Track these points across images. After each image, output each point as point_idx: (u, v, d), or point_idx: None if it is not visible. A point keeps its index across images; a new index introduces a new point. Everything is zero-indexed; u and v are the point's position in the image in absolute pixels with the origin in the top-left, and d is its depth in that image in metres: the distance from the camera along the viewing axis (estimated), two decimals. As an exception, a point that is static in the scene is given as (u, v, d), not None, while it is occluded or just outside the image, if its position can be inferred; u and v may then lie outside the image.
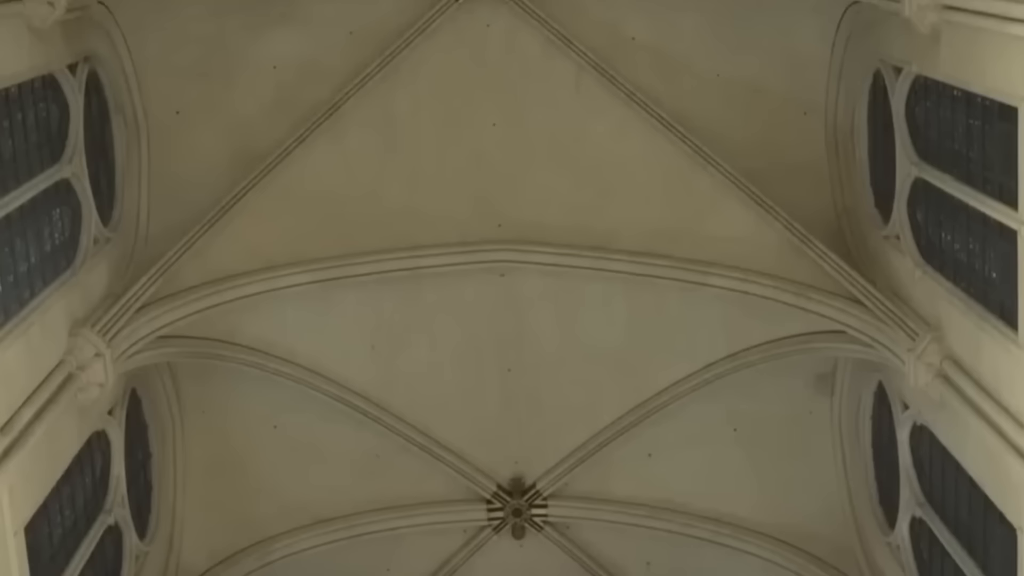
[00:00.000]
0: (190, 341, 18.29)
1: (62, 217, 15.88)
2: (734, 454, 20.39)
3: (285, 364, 19.35)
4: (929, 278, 16.03)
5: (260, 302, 18.74)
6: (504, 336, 20.03)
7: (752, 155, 18.52)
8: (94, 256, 16.62)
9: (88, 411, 15.73)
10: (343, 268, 18.78)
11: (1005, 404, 13.62)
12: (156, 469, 19.19)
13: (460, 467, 20.58)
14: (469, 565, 21.26)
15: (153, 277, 17.18)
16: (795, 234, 17.83)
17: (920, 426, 16.90)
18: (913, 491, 17.36)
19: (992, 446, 13.77)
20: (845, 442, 19.85)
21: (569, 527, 21.13)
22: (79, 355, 15.22)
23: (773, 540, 20.18)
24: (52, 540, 14.75)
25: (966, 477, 15.27)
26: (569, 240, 19.01)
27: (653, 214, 18.73)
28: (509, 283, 19.66)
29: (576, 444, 20.49)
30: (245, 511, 20.21)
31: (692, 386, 19.71)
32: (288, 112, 18.50)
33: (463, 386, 20.28)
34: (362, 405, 19.93)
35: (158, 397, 19.24)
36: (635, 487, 20.74)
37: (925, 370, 15.44)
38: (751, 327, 19.05)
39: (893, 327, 16.29)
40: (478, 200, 19.02)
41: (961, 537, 15.82)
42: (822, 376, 19.92)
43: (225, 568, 19.84)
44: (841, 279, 17.36)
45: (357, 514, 20.66)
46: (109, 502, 16.86)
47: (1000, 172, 13.63)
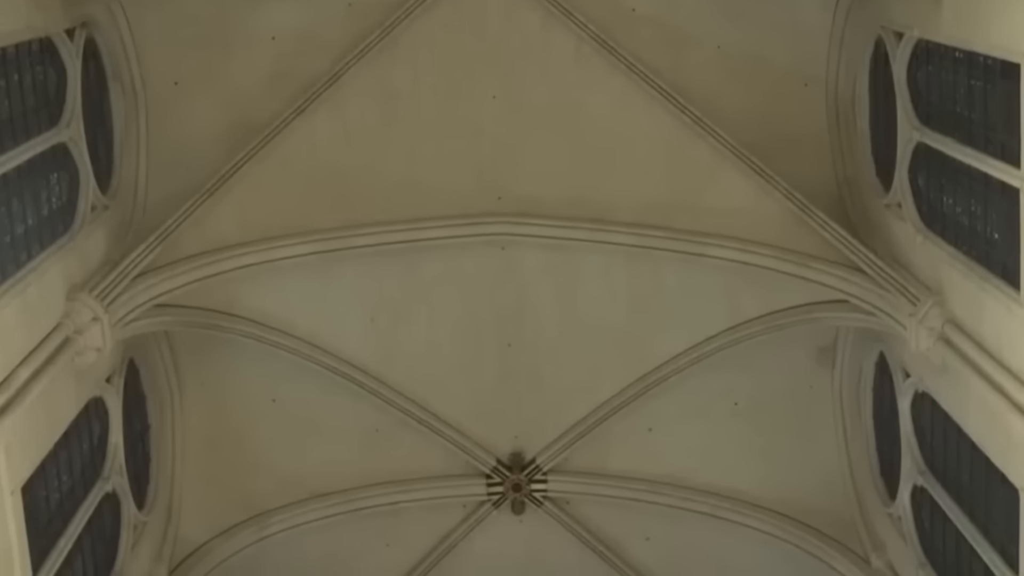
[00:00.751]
0: (188, 311, 18.22)
1: (59, 182, 15.81)
2: (734, 428, 20.33)
3: (284, 336, 19.28)
4: (930, 243, 15.98)
5: (259, 273, 18.66)
6: (504, 310, 19.98)
7: (753, 126, 18.43)
8: (92, 223, 16.56)
9: (86, 376, 15.66)
10: (342, 240, 18.71)
11: (1007, 364, 13.59)
12: (154, 441, 19.13)
13: (459, 442, 20.52)
14: (468, 540, 21.20)
15: (151, 245, 17.10)
16: (796, 204, 17.76)
17: (922, 393, 16.84)
18: (914, 460, 17.30)
19: (994, 407, 13.72)
20: (846, 415, 19.78)
21: (569, 502, 21.06)
22: (76, 319, 15.16)
23: (774, 514, 20.12)
24: (49, 504, 14.70)
25: (967, 442, 15.22)
26: (569, 212, 18.94)
27: (653, 186, 18.65)
28: (509, 256, 19.59)
29: (576, 419, 20.45)
30: (243, 484, 20.14)
31: (692, 359, 19.64)
32: (287, 83, 18.42)
33: (463, 360, 20.21)
34: (361, 378, 19.86)
35: (156, 369, 19.17)
36: (635, 462, 20.68)
37: (927, 334, 15.39)
38: (751, 299, 18.99)
39: (894, 293, 16.23)
40: (478, 173, 18.95)
41: (963, 503, 15.78)
42: (823, 349, 19.86)
43: (223, 541, 19.77)
44: (842, 247, 17.28)
45: (356, 488, 20.60)
46: (107, 470, 16.80)
47: (1002, 131, 13.59)
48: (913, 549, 17.61)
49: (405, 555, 21.20)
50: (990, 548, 14.75)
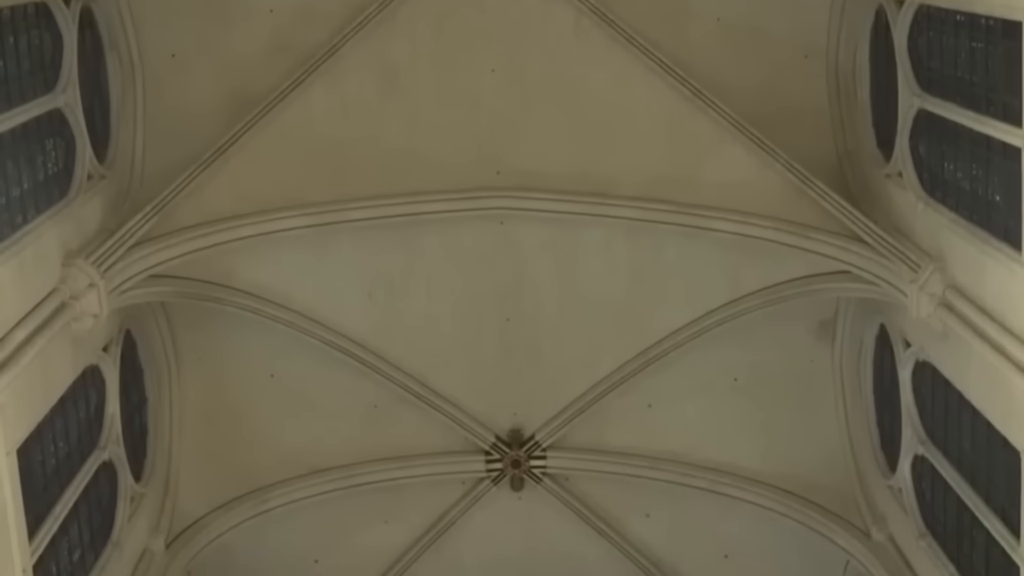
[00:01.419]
0: (185, 282, 18.16)
1: (56, 148, 15.77)
2: (734, 404, 20.26)
3: (281, 310, 19.22)
4: (931, 210, 15.91)
5: (256, 246, 18.59)
6: (503, 285, 19.90)
7: (753, 100, 18.35)
8: (88, 191, 16.51)
9: (82, 343, 15.61)
10: (340, 213, 18.61)
11: (1008, 326, 13.53)
12: (152, 414, 19.07)
13: (458, 418, 20.44)
14: (467, 517, 21.11)
15: (148, 215, 17.02)
16: (796, 175, 17.66)
17: (922, 363, 16.78)
18: (915, 430, 17.24)
19: (995, 370, 13.66)
20: (846, 389, 19.72)
21: (568, 479, 20.96)
22: (73, 284, 15.11)
23: (774, 489, 20.04)
24: (45, 469, 14.66)
25: (968, 408, 15.17)
26: (568, 187, 18.84)
27: (653, 160, 18.55)
28: (508, 231, 19.51)
29: (575, 395, 20.37)
30: (242, 459, 20.07)
31: (693, 333, 19.57)
32: (284, 56, 18.36)
33: (461, 336, 20.14)
34: (359, 353, 19.79)
35: (153, 342, 19.11)
36: (634, 438, 20.60)
37: (928, 300, 15.32)
38: (752, 272, 18.92)
39: (895, 262, 16.15)
40: (476, 147, 18.86)
41: (963, 470, 15.72)
42: (823, 323, 19.79)
43: (221, 515, 19.68)
44: (843, 218, 17.20)
45: (354, 464, 20.52)
46: (103, 439, 16.76)
47: (1003, 92, 13.53)
48: (914, 520, 17.54)
49: (404, 531, 21.12)
50: (991, 513, 14.69)
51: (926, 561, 16.94)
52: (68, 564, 15.21)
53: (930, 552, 16.84)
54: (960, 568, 15.98)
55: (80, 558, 15.65)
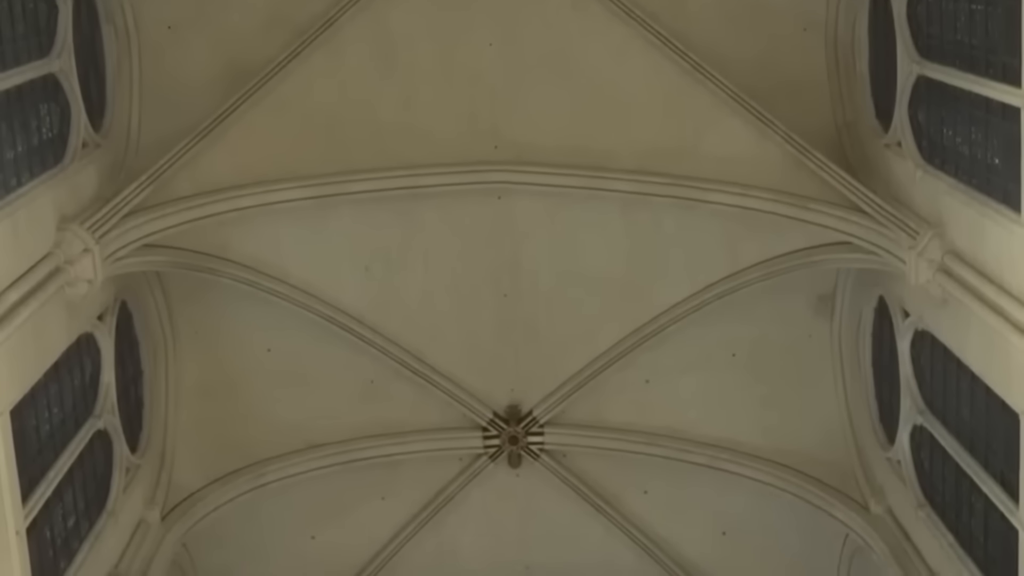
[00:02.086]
0: (181, 252, 18.09)
1: (50, 114, 15.71)
2: (733, 379, 20.19)
3: (277, 283, 19.13)
4: (930, 177, 15.86)
5: (252, 218, 18.54)
6: (500, 260, 19.83)
7: (752, 73, 18.26)
8: (84, 158, 16.45)
9: (77, 309, 15.56)
10: (337, 185, 18.52)
11: (1007, 287, 13.48)
12: (148, 386, 19.02)
13: (456, 394, 20.36)
14: (465, 493, 21.04)
15: (144, 184, 16.95)
16: (794, 147, 17.58)
17: (921, 332, 16.72)
18: (914, 400, 17.18)
19: (994, 332, 13.62)
20: (845, 363, 19.66)
21: (566, 455, 20.88)
22: (67, 249, 15.06)
23: (772, 464, 19.97)
24: (40, 434, 14.63)
25: (967, 375, 15.12)
26: (566, 160, 18.74)
27: (652, 133, 18.46)
28: (506, 206, 19.44)
29: (573, 371, 20.29)
30: (238, 433, 20.00)
31: (691, 307, 19.50)
32: (282, 27, 18.25)
33: (459, 312, 20.07)
34: (356, 328, 19.71)
35: (149, 314, 19.06)
36: (632, 414, 20.53)
37: (927, 266, 15.27)
38: (751, 245, 18.86)
39: (894, 230, 16.08)
40: (474, 121, 18.77)
41: (962, 438, 15.67)
42: (822, 297, 19.73)
43: (217, 488, 19.61)
44: (841, 188, 17.11)
45: (351, 440, 20.44)
46: (99, 408, 16.71)
47: (1003, 53, 13.46)
48: (912, 490, 17.49)
49: (401, 508, 21.06)
50: (990, 479, 14.65)
51: (925, 531, 16.89)
52: (63, 530, 15.16)
53: (929, 522, 16.79)
54: (959, 537, 15.93)
55: (75, 525, 15.59)
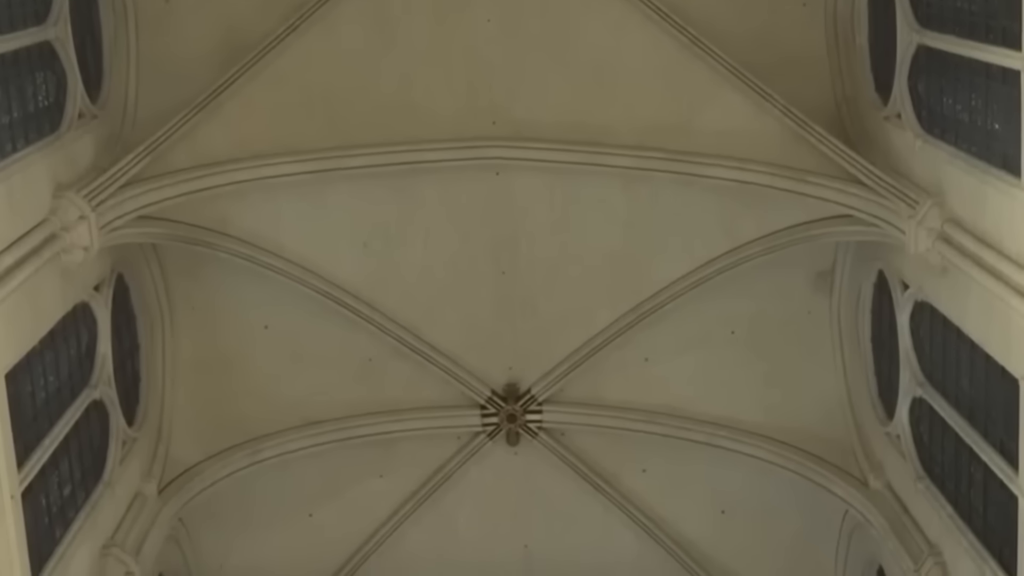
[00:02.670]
0: (178, 225, 18.02)
1: (46, 82, 15.64)
2: (732, 357, 20.13)
3: (275, 258, 19.07)
4: (930, 147, 15.81)
5: (250, 193, 18.48)
6: (499, 237, 19.77)
7: (751, 47, 18.20)
8: (80, 128, 16.40)
9: (73, 277, 15.50)
10: (334, 160, 18.45)
11: (1007, 251, 13.43)
12: (144, 360, 18.96)
13: (454, 371, 20.30)
14: (463, 472, 20.97)
15: (141, 155, 16.87)
16: (793, 120, 17.52)
17: (921, 304, 16.67)
18: (913, 373, 17.13)
19: (993, 296, 13.57)
20: (844, 339, 19.61)
21: (564, 433, 20.83)
22: (63, 216, 14.99)
23: (771, 441, 19.89)
24: (35, 400, 14.58)
25: (967, 344, 15.07)
26: (565, 136, 18.67)
27: (650, 108, 18.39)
28: (504, 182, 19.38)
29: (571, 348, 20.23)
30: (235, 409, 19.94)
31: (690, 284, 19.44)
32: (280, 1, 18.16)
33: (457, 289, 20.01)
34: (354, 304, 19.65)
35: (146, 288, 19.01)
36: (631, 392, 20.46)
37: (926, 235, 15.22)
38: (750, 221, 18.81)
39: (894, 201, 16.02)
40: (473, 96, 18.71)
41: (962, 408, 15.62)
42: (821, 274, 19.68)
43: (214, 463, 19.54)
44: (840, 160, 17.05)
45: (349, 417, 20.37)
46: (95, 378, 16.66)
47: (1003, 17, 13.40)
48: (911, 463, 17.44)
49: (399, 486, 21.00)
50: (989, 448, 14.59)
51: (924, 504, 16.84)
52: (58, 498, 15.10)
53: (928, 494, 16.74)
54: (958, 508, 15.88)
55: (71, 494, 15.53)
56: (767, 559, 20.90)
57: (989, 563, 14.63)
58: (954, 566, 15.81)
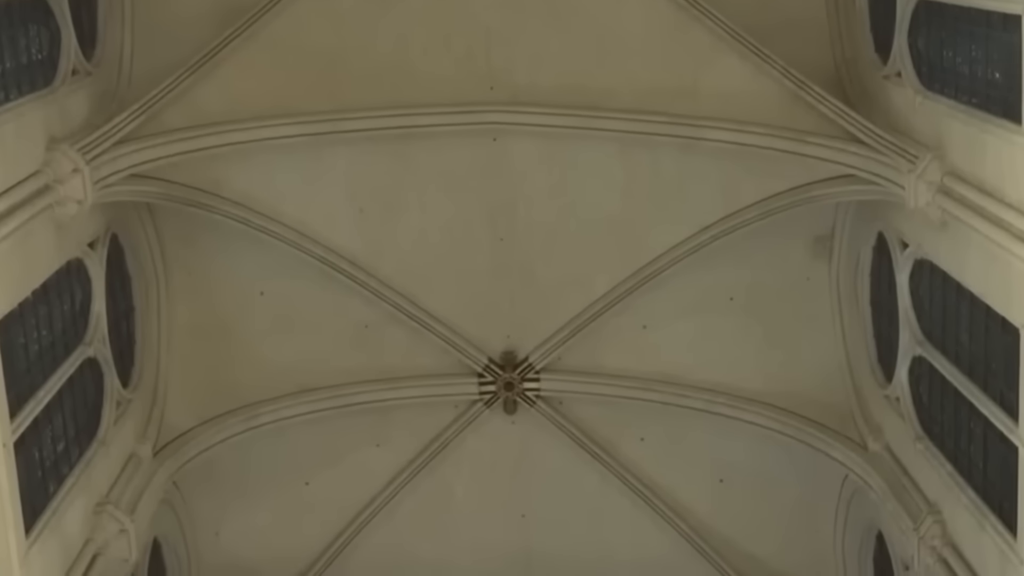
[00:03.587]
0: (173, 186, 17.92)
1: (40, 36, 15.51)
2: (730, 323, 20.04)
3: (271, 222, 18.96)
4: (930, 102, 15.72)
5: (246, 156, 18.38)
6: (496, 204, 19.66)
7: (750, 10, 18.10)
8: (74, 83, 16.29)
9: (66, 231, 15.41)
10: (331, 123, 18.34)
11: (1007, 199, 13.34)
12: (139, 323, 18.88)
13: (451, 339, 20.19)
14: (460, 440, 20.85)
15: (135, 113, 16.77)
16: (793, 81, 17.42)
17: (920, 262, 16.58)
18: (912, 332, 17.05)
19: (994, 246, 13.49)
20: (843, 304, 19.52)
21: (562, 402, 20.71)
22: (56, 168, 14.89)
23: (770, 407, 19.78)
24: (28, 353, 14.49)
25: (967, 298, 15.01)
26: (563, 100, 18.55)
27: (649, 71, 18.28)
28: (501, 147, 19.28)
29: (569, 316, 20.11)
30: (230, 375, 19.84)
31: (689, 249, 19.33)
32: (276, -37, 18.07)
33: (454, 256, 19.92)
34: (350, 270, 19.55)
35: (142, 252, 18.92)
36: (629, 360, 20.36)
37: (926, 189, 15.13)
38: (748, 185, 18.69)
39: (893, 157, 15.92)
40: (470, 61, 18.58)
41: (961, 364, 15.52)
42: (820, 239, 19.60)
43: (209, 428, 19.43)
44: (840, 120, 16.94)
45: (345, 384, 20.26)
46: (89, 336, 16.57)
47: (1002, -38, 13.30)
48: (910, 423, 17.35)
49: (396, 454, 20.87)
50: (989, 401, 14.49)
51: (923, 463, 16.75)
52: (52, 453, 15.00)
53: (927, 454, 16.66)
54: (957, 465, 15.78)
55: (65, 450, 15.43)
56: (766, 527, 20.80)
57: (989, 518, 14.54)
58: (953, 523, 15.72)
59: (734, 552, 20.93)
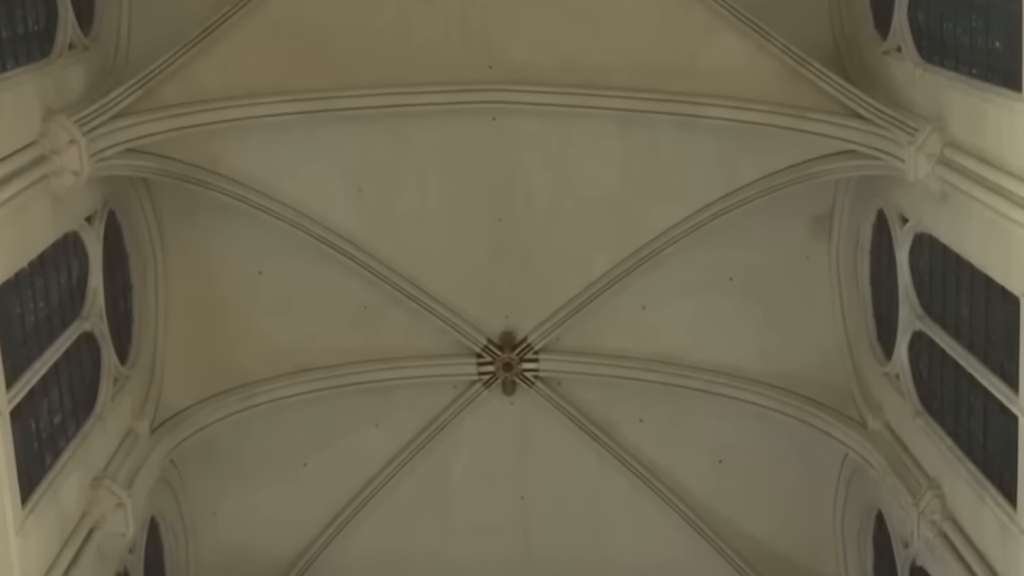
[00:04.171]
0: (171, 162, 17.85)
1: (36, 8, 15.46)
2: (730, 304, 19.97)
3: (269, 200, 18.90)
4: (930, 74, 15.67)
5: (243, 133, 18.31)
6: (495, 183, 19.61)
7: (748, -13, 18.06)
8: (71, 57, 16.23)
9: (63, 203, 15.35)
10: (329, 100, 18.26)
11: (1008, 167, 13.28)
12: (137, 301, 18.82)
13: (450, 319, 20.12)
14: (459, 421, 20.79)
15: (132, 87, 16.71)
16: (792, 57, 17.36)
17: (920, 236, 16.52)
18: (912, 308, 17.00)
19: (995, 214, 13.44)
20: (843, 283, 19.45)
21: (561, 383, 20.64)
22: (53, 139, 14.85)
23: (769, 387, 19.70)
24: (24, 324, 14.44)
25: (967, 270, 14.96)
26: (561, 79, 18.48)
27: (648, 49, 18.21)
28: (500, 127, 19.22)
29: (568, 296, 20.04)
30: (228, 354, 19.78)
31: (688, 229, 19.26)
32: (274, -61, 18.02)
33: (453, 236, 19.86)
34: (349, 250, 19.48)
35: (139, 230, 18.86)
36: (628, 340, 20.29)
37: (926, 160, 15.08)
38: (747, 163, 18.61)
39: (893, 131, 15.86)
40: (469, 40, 18.52)
41: (961, 337, 15.47)
42: (819, 218, 19.53)
43: (207, 406, 19.36)
44: (839, 95, 16.87)
45: (344, 364, 20.18)
46: (86, 310, 16.53)
47: (1002, -72, 13.26)
48: (910, 399, 17.30)
49: (394, 435, 20.80)
50: (989, 373, 14.43)
51: (923, 438, 16.69)
52: (48, 424, 14.96)
53: (927, 429, 16.60)
54: (957, 439, 15.72)
55: (61, 423, 15.39)
56: (765, 508, 20.74)
57: (989, 490, 14.50)
58: (953, 497, 15.67)
59: (733, 533, 20.85)
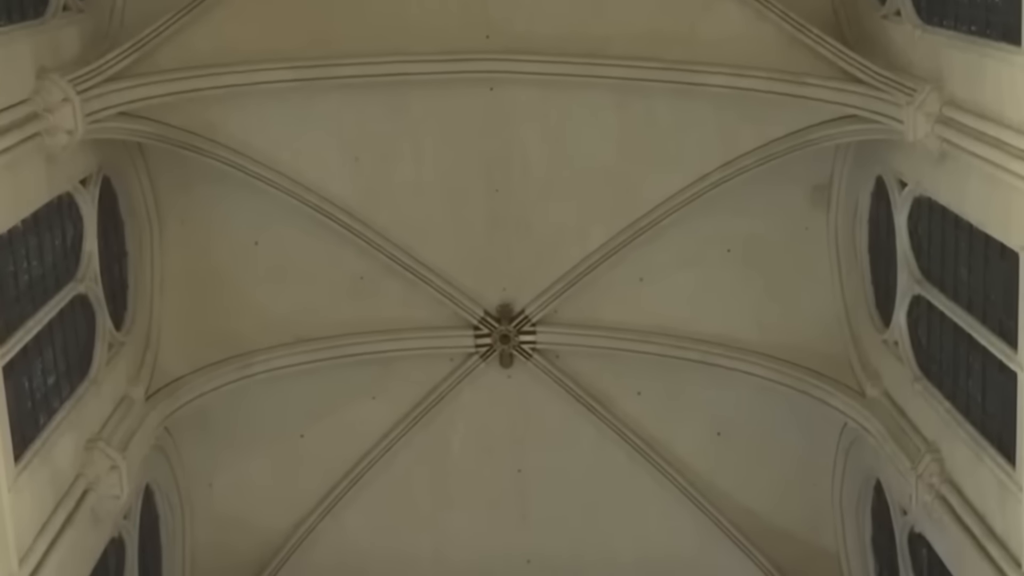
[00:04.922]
0: (167, 127, 17.77)
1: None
2: (728, 275, 19.90)
3: (265, 169, 18.82)
4: (929, 35, 15.59)
5: (241, 101, 18.25)
6: (492, 154, 19.52)
7: (746, -45, 17.98)
8: (66, 18, 16.15)
9: (57, 163, 15.25)
10: (325, 68, 18.17)
11: (1007, 121, 13.21)
12: (132, 268, 18.74)
13: (447, 291, 20.05)
14: (456, 393, 20.71)
15: (127, 51, 16.63)
16: (791, 23, 17.30)
17: (919, 200, 16.44)
18: (911, 273, 16.94)
19: (995, 169, 13.35)
20: (841, 252, 19.39)
21: (558, 355, 20.56)
22: (46, 97, 14.75)
23: (768, 357, 19.61)
24: (18, 282, 14.36)
25: (965, 231, 14.92)
26: (560, 49, 18.39)
27: (647, 17, 18.15)
28: (498, 97, 19.14)
29: (565, 268, 19.97)
30: (224, 324, 19.70)
31: (687, 199, 19.18)
32: (268, -94, 17.94)
33: (450, 208, 19.79)
34: (345, 220, 19.40)
35: (135, 197, 18.77)
36: (626, 312, 20.21)
37: (924, 120, 15.02)
38: (746, 131, 18.56)
39: (892, 93, 15.79)
40: (466, 9, 18.45)
41: (960, 298, 15.40)
42: (818, 188, 19.45)
43: (203, 375, 19.26)
44: (838, 60, 16.80)
45: (340, 336, 20.09)
46: (80, 273, 16.45)
47: None
48: (908, 365, 17.23)
49: (391, 407, 20.72)
50: (988, 331, 14.36)
51: (921, 404, 16.63)
52: (42, 385, 14.88)
53: (926, 394, 16.53)
54: (956, 402, 15.65)
55: (55, 384, 15.31)
56: (763, 481, 20.66)
57: (987, 450, 14.43)
58: (951, 460, 15.59)
59: (731, 506, 20.78)
